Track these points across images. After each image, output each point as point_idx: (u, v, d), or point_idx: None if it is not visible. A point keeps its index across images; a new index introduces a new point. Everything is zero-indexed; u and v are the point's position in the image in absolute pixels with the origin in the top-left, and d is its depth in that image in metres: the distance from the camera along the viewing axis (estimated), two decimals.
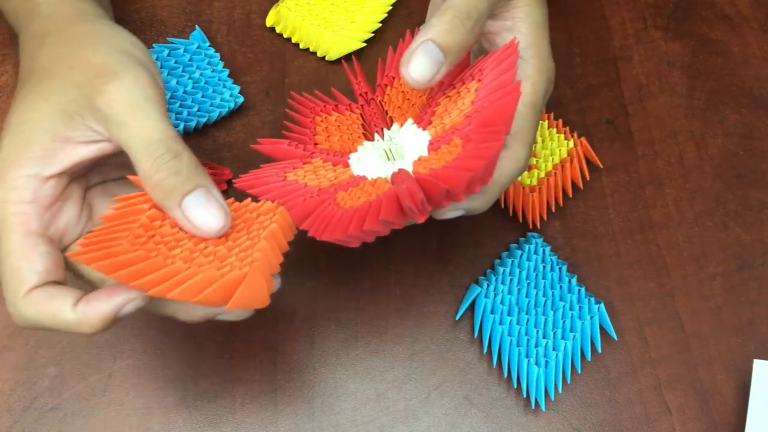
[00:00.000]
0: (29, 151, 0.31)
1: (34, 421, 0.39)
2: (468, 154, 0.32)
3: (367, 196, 0.33)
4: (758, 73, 0.50)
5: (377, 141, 0.38)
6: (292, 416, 0.40)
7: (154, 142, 0.30)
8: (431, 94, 0.39)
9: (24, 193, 0.30)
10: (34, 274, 0.30)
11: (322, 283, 0.43)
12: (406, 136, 0.37)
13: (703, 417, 0.41)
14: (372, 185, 0.35)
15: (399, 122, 0.39)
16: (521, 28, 0.35)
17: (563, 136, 0.45)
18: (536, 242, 0.43)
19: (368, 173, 0.36)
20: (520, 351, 0.40)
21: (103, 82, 0.31)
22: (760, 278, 0.44)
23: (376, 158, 0.37)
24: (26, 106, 0.32)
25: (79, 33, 0.34)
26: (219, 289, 0.28)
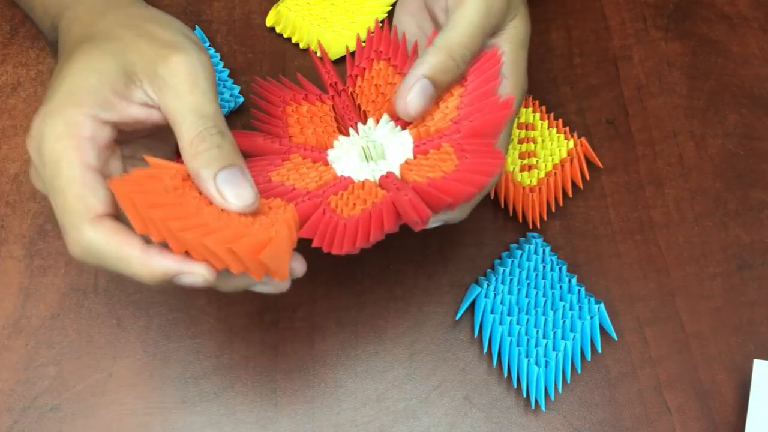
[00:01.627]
0: (91, 94, 0.31)
1: (34, 421, 0.39)
2: (470, 167, 0.33)
3: (363, 204, 0.33)
4: (758, 73, 0.50)
5: (353, 137, 0.38)
6: (292, 416, 0.40)
7: (205, 114, 0.31)
8: (444, 130, 0.38)
9: (83, 129, 0.31)
10: (100, 201, 0.30)
11: (322, 283, 0.43)
12: (384, 135, 0.37)
13: (703, 417, 0.41)
14: (362, 189, 0.35)
15: (374, 117, 0.38)
16: (504, 46, 0.37)
17: (563, 136, 0.45)
18: (536, 242, 0.43)
19: (352, 174, 0.36)
20: (520, 351, 0.40)
21: (168, 52, 0.32)
22: (760, 278, 0.44)
23: (355, 156, 0.36)
24: (90, 57, 0.32)
25: (142, 12, 0.36)
26: (248, 245, 0.28)
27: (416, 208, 0.32)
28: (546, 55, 0.50)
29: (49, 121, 0.31)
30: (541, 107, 0.46)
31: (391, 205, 0.33)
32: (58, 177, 0.30)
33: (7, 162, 0.45)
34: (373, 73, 0.39)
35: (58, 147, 0.30)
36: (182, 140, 0.31)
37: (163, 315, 0.42)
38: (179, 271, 0.29)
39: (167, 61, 0.32)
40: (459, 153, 0.34)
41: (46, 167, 0.30)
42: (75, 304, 0.42)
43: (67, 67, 0.32)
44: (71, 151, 0.30)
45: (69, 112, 0.31)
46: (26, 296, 0.42)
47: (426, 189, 0.32)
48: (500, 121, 0.34)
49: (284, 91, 0.41)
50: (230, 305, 0.42)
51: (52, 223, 0.44)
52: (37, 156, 0.31)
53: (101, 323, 0.41)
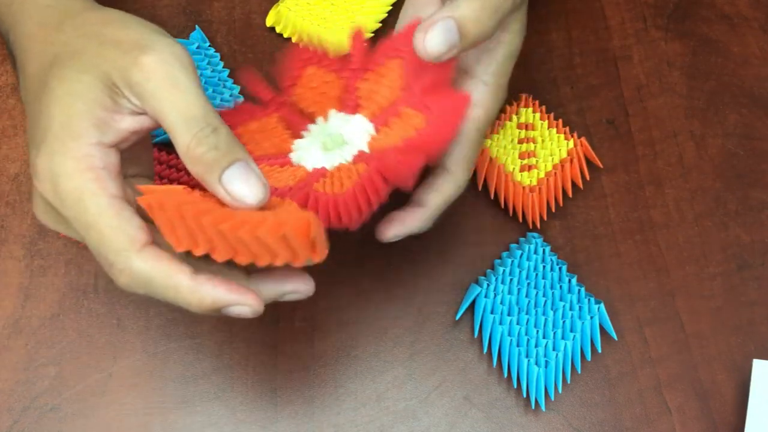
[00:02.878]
0: (84, 120, 0.30)
1: (34, 421, 0.39)
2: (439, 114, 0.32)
3: (349, 179, 0.33)
4: (758, 73, 0.50)
5: (309, 136, 0.38)
6: (292, 416, 0.40)
7: (194, 116, 0.30)
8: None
9: (94, 160, 0.30)
10: (138, 229, 0.29)
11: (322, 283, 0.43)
12: (338, 125, 0.37)
13: (703, 417, 0.41)
14: (342, 170, 0.35)
15: (323, 116, 0.38)
16: (498, 54, 0.36)
17: (563, 136, 0.45)
18: (536, 242, 0.43)
19: (295, 155, 0.36)
20: (520, 351, 0.40)
21: (138, 54, 0.30)
22: (760, 278, 0.44)
23: (318, 152, 0.36)
24: (66, 81, 0.31)
25: (98, 16, 0.33)
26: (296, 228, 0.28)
27: (404, 163, 0.31)
28: (546, 55, 0.50)
29: (57, 159, 0.29)
30: (541, 107, 0.46)
31: (377, 172, 0.32)
32: (86, 213, 0.29)
33: (7, 162, 0.45)
34: (306, 79, 0.39)
35: (75, 184, 0.29)
36: (178, 146, 0.30)
37: (163, 315, 0.42)
38: (228, 302, 0.29)
39: (138, 65, 0.30)
40: (423, 110, 0.34)
41: (68, 207, 0.29)
42: (75, 304, 0.42)
43: (46, 99, 0.31)
44: (92, 185, 0.29)
45: (72, 146, 0.30)
46: (26, 296, 0.42)
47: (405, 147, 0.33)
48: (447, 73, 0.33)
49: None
50: None
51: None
52: (53, 197, 0.30)
53: (101, 323, 0.41)
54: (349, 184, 0.33)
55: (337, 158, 0.36)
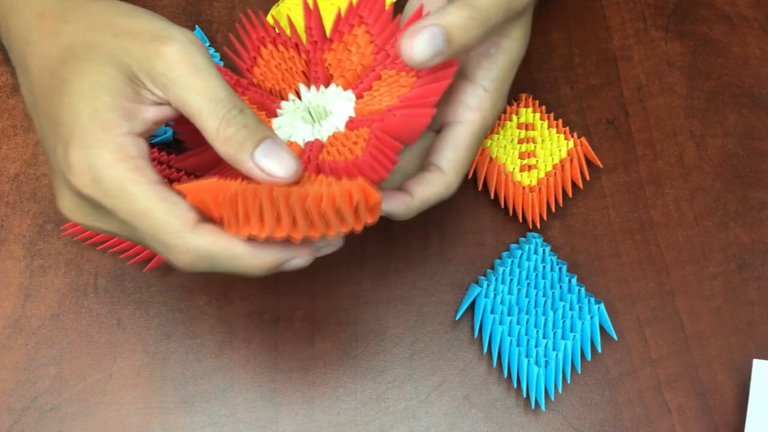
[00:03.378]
0: (113, 112, 0.30)
1: (34, 421, 0.39)
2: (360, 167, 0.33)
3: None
4: (758, 73, 0.50)
5: (285, 113, 0.38)
6: (292, 416, 0.40)
7: (221, 99, 0.30)
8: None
9: (129, 149, 0.30)
10: (188, 210, 0.30)
11: (322, 283, 0.43)
12: (313, 97, 0.38)
13: (703, 417, 0.41)
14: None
15: (336, 81, 0.38)
16: (499, 60, 0.36)
17: (563, 136, 0.45)
18: (536, 242, 0.43)
19: (284, 133, 0.36)
20: (520, 351, 0.40)
21: (158, 44, 0.30)
22: (760, 278, 0.44)
23: (303, 126, 0.37)
24: (88, 73, 0.31)
25: (103, 6, 0.33)
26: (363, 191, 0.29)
27: (412, 118, 0.32)
28: (546, 55, 0.50)
29: (93, 152, 0.30)
30: (541, 107, 0.46)
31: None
32: (134, 202, 0.29)
33: (7, 162, 0.45)
34: (350, 37, 0.39)
35: (116, 174, 0.29)
36: (207, 130, 0.30)
37: (163, 315, 0.42)
38: (286, 257, 0.30)
39: (160, 55, 0.30)
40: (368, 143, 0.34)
41: (113, 197, 0.30)
42: (75, 304, 0.42)
43: (67, 92, 0.31)
44: (132, 174, 0.29)
45: (106, 137, 0.30)
46: (26, 296, 0.42)
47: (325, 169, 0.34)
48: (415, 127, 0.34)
49: (268, 30, 0.40)
50: (230, 305, 0.42)
51: (52, 223, 0.44)
52: (93, 189, 0.30)
53: (101, 323, 0.41)
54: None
55: (326, 129, 0.36)
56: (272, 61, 0.39)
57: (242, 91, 0.38)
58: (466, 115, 0.36)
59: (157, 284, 0.42)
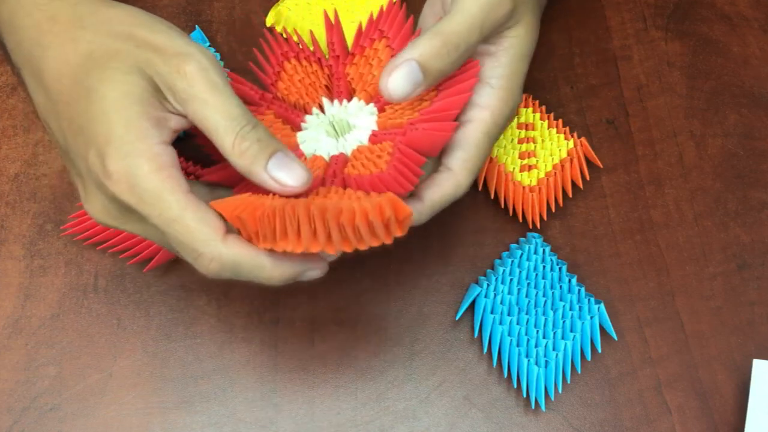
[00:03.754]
0: (145, 121, 0.31)
1: (34, 421, 0.39)
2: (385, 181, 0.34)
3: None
4: (758, 73, 0.50)
5: (309, 127, 0.38)
6: (292, 416, 0.40)
7: (236, 116, 0.32)
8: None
9: (164, 158, 0.31)
10: (219, 220, 0.31)
11: (322, 283, 0.43)
12: (336, 111, 0.38)
13: (703, 417, 0.41)
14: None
15: (358, 95, 0.39)
16: (502, 57, 0.36)
17: (563, 136, 0.45)
18: (536, 242, 0.43)
19: (309, 147, 0.37)
20: (520, 351, 0.40)
21: (179, 62, 0.32)
22: (760, 278, 0.44)
23: (323, 129, 0.38)
24: (115, 82, 0.32)
25: (121, 16, 0.34)
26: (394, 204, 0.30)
27: (433, 132, 0.34)
28: (546, 55, 0.50)
29: (132, 161, 0.31)
30: (541, 107, 0.46)
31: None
32: (169, 209, 0.31)
33: (7, 162, 0.45)
34: (371, 51, 0.39)
35: (154, 183, 0.31)
36: (224, 145, 0.32)
37: (163, 315, 0.42)
38: (304, 269, 0.33)
39: (182, 72, 0.32)
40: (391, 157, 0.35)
41: (149, 205, 0.31)
42: (75, 304, 0.42)
43: (96, 100, 0.32)
44: (168, 183, 0.31)
45: (142, 147, 0.31)
46: (26, 296, 0.42)
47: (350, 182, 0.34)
48: (438, 140, 0.35)
49: (291, 45, 0.41)
50: (230, 305, 0.42)
51: (52, 223, 0.44)
52: (130, 196, 0.31)
53: (101, 323, 0.41)
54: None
55: (350, 143, 0.37)
56: (296, 75, 0.40)
57: (267, 105, 0.39)
58: (475, 114, 0.36)
59: (157, 284, 0.42)
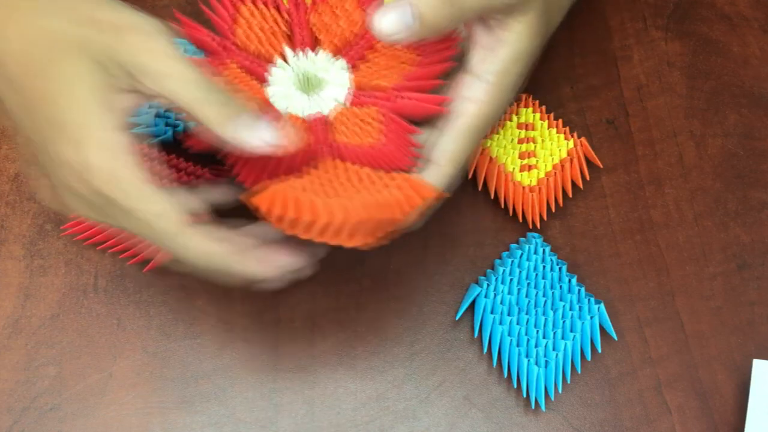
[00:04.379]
0: (110, 112, 0.31)
1: (34, 421, 0.39)
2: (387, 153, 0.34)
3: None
4: (758, 73, 0.50)
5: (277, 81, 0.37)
6: (292, 416, 0.40)
7: (194, 79, 0.32)
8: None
9: (133, 147, 0.31)
10: (194, 207, 0.32)
11: (322, 283, 0.43)
12: (303, 63, 0.37)
13: (703, 417, 0.41)
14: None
15: (324, 47, 0.38)
16: (500, 53, 0.36)
17: (563, 136, 0.45)
18: (536, 242, 0.43)
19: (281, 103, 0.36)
20: (520, 351, 0.40)
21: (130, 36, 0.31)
22: (760, 278, 0.44)
23: (291, 83, 0.37)
24: (74, 76, 0.31)
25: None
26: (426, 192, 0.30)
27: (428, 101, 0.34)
28: (546, 55, 0.50)
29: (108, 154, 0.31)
30: (541, 107, 0.46)
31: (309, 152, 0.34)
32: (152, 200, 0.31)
33: (7, 162, 0.45)
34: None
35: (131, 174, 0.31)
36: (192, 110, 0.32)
37: (163, 315, 0.42)
38: (296, 264, 0.33)
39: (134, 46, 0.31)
40: (384, 126, 0.35)
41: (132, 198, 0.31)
42: (75, 304, 0.42)
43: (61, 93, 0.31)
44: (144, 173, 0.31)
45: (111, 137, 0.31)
46: (26, 296, 0.42)
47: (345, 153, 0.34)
48: (427, 112, 0.35)
49: None
50: (230, 305, 0.42)
51: (52, 223, 0.44)
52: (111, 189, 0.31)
53: (101, 323, 0.41)
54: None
55: (325, 101, 0.36)
56: (253, 20, 0.38)
57: (227, 55, 0.37)
58: (466, 108, 0.36)
59: (157, 284, 0.42)
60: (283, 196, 0.31)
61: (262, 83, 0.37)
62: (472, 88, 0.36)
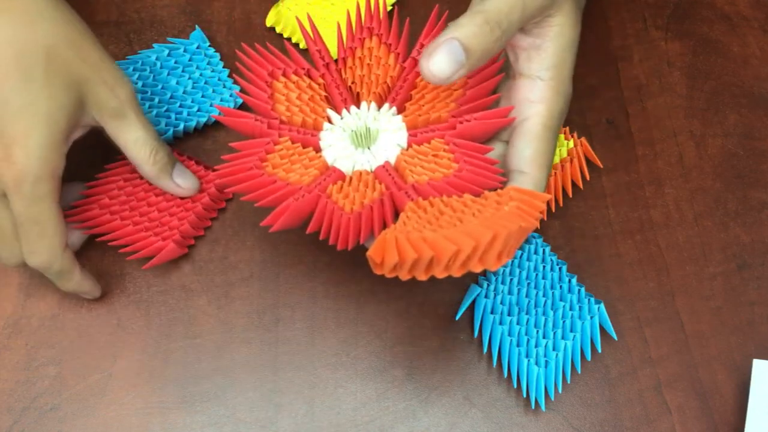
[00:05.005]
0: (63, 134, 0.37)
1: (34, 421, 0.39)
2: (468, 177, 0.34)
3: (362, 197, 0.34)
4: (758, 73, 0.50)
5: (346, 118, 0.38)
6: (292, 416, 0.40)
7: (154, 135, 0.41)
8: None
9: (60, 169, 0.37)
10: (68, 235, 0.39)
11: (322, 282, 0.43)
12: (377, 118, 0.37)
13: (703, 417, 0.41)
14: (360, 181, 0.35)
15: (367, 99, 0.38)
16: (548, 48, 0.36)
17: (563, 136, 0.45)
18: (536, 242, 0.43)
19: (344, 161, 0.36)
20: (520, 351, 0.40)
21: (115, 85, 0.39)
22: (760, 278, 0.44)
23: (347, 142, 0.37)
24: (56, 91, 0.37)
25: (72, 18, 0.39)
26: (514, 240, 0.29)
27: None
28: None
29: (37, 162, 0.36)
30: None
31: (390, 201, 0.34)
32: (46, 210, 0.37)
33: None
34: (365, 51, 0.39)
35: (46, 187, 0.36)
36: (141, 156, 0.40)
37: (163, 315, 0.42)
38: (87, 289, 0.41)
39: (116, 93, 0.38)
40: (454, 153, 0.34)
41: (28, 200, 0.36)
42: (75, 304, 0.42)
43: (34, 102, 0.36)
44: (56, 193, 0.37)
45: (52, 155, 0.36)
46: (26, 296, 0.42)
47: (426, 190, 0.33)
48: (493, 128, 0.35)
49: (272, 62, 0.39)
50: (230, 305, 0.42)
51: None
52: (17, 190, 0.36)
53: (101, 323, 0.41)
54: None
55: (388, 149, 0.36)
56: (291, 93, 0.38)
57: (278, 133, 0.37)
58: (531, 110, 0.36)
59: (157, 284, 0.42)
60: (397, 243, 0.29)
61: (318, 151, 0.37)
62: (534, 89, 0.36)
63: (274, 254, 0.43)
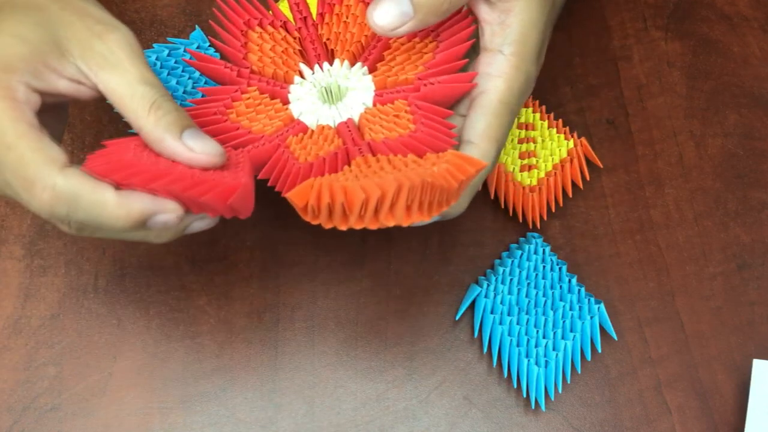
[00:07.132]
0: (22, 62, 0.31)
1: (34, 421, 0.39)
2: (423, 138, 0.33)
3: (318, 150, 0.34)
4: (758, 73, 0.50)
5: (317, 74, 0.38)
6: (292, 416, 0.40)
7: (154, 84, 0.32)
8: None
9: (17, 93, 0.31)
10: (62, 153, 0.30)
11: (322, 282, 0.43)
12: (348, 76, 0.37)
13: (703, 417, 0.41)
14: (320, 134, 0.35)
15: (340, 57, 0.38)
16: (512, 23, 0.35)
17: (563, 136, 0.45)
18: (536, 242, 0.43)
19: (310, 116, 0.36)
20: (520, 351, 0.40)
21: (103, 29, 0.32)
22: (760, 278, 0.44)
23: (315, 97, 0.37)
24: (18, 25, 0.32)
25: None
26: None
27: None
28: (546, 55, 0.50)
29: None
30: (541, 107, 0.46)
31: (345, 156, 0.34)
32: (5, 134, 0.30)
33: None
34: (343, 8, 0.38)
35: None
36: (138, 110, 0.32)
37: (163, 315, 0.42)
38: (155, 210, 0.30)
39: (105, 38, 0.32)
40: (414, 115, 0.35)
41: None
42: (75, 304, 0.42)
43: None
44: (12, 112, 0.30)
45: (2, 77, 0.30)
46: (26, 296, 0.42)
47: (380, 148, 0.34)
48: (456, 92, 0.35)
49: (250, 11, 0.39)
50: (230, 305, 0.42)
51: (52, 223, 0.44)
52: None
53: (101, 323, 0.41)
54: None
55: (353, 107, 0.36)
56: (265, 44, 0.38)
57: (247, 82, 0.37)
58: (489, 83, 0.35)
59: (157, 284, 0.42)
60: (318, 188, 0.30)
61: (285, 104, 0.37)
62: (494, 63, 0.35)
63: (274, 254, 0.43)
